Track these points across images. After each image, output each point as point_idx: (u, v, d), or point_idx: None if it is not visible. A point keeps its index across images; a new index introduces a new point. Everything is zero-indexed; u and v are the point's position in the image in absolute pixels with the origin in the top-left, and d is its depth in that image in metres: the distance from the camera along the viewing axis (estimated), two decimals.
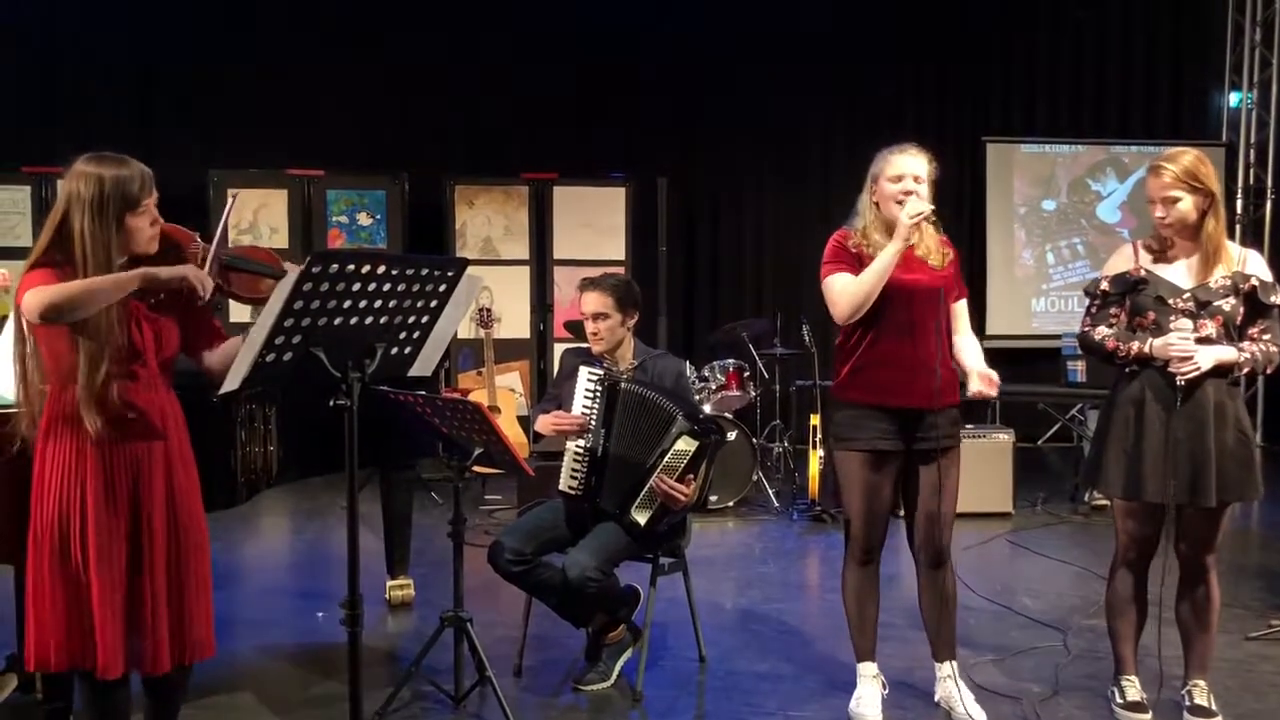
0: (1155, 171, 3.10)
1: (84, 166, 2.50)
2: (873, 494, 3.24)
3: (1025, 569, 5.18)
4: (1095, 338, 3.23)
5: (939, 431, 3.21)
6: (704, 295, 8.99)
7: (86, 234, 2.45)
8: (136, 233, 2.54)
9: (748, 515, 6.31)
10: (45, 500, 2.52)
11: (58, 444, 2.52)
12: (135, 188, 2.51)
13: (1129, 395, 3.16)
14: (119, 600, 2.53)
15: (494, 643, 3.77)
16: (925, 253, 3.23)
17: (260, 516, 6.24)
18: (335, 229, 7.80)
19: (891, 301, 3.14)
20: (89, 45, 8.07)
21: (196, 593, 2.65)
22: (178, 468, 2.64)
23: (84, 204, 2.46)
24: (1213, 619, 3.25)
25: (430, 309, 2.63)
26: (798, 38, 8.56)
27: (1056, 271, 8.94)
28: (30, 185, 7.44)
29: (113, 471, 2.53)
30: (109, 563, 2.51)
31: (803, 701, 3.51)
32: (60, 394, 2.52)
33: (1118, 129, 9.10)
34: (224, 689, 3.54)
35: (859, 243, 3.23)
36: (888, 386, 3.18)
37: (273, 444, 3.54)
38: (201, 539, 2.69)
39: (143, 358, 2.56)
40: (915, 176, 3.17)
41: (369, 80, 8.21)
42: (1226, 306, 3.08)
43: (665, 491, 3.42)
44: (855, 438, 3.23)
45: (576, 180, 8.00)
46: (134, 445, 2.56)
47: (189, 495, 2.67)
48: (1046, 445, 8.83)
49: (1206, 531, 3.16)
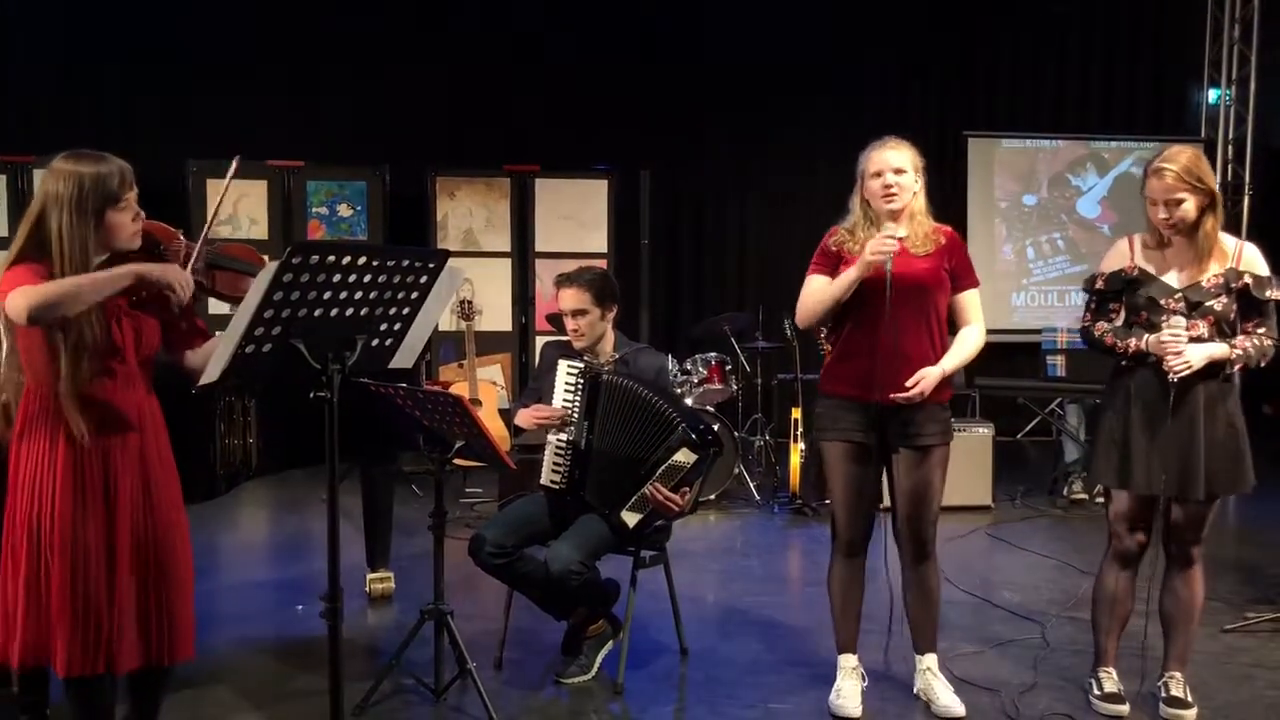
0: (1158, 174, 3.07)
1: (62, 164, 2.47)
2: (854, 486, 3.24)
3: (1004, 562, 5.21)
4: (1096, 334, 3.25)
5: (916, 429, 3.20)
6: (686, 288, 8.99)
7: (65, 231, 2.42)
8: (118, 229, 2.52)
9: (729, 509, 6.32)
10: (19, 498, 2.50)
11: (31, 442, 2.51)
12: (115, 183, 2.49)
13: (1125, 389, 3.19)
14: (91, 597, 2.50)
15: (475, 635, 3.76)
16: (911, 242, 3.17)
17: (240, 508, 6.21)
18: (315, 220, 7.75)
19: (870, 293, 3.13)
20: (66, 34, 7.99)
21: (174, 594, 2.63)
22: (154, 466, 2.62)
23: (62, 201, 2.43)
24: (1196, 612, 3.28)
25: (411, 301, 2.62)
26: (781, 33, 8.55)
27: (1037, 266, 8.98)
28: (5, 175, 7.37)
29: (84, 468, 2.50)
30: (76, 561, 2.49)
31: (783, 694, 3.52)
32: (36, 390, 2.50)
33: (1098, 125, 9.14)
34: (203, 682, 3.51)
35: (840, 241, 3.23)
36: (861, 379, 3.17)
37: (252, 435, 3.52)
38: (180, 541, 2.67)
39: (121, 354, 2.54)
40: (896, 169, 3.16)
41: (350, 71, 8.16)
42: (1218, 306, 3.09)
43: (660, 502, 3.41)
44: (832, 429, 3.24)
45: (559, 173, 7.97)
46: (107, 441, 2.53)
47: (167, 494, 2.65)
48: (1026, 439, 8.88)
49: (1193, 524, 3.19)
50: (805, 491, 6.15)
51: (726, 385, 6.46)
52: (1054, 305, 8.91)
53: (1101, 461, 3.22)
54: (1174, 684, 3.29)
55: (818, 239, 3.32)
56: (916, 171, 3.20)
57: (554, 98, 8.41)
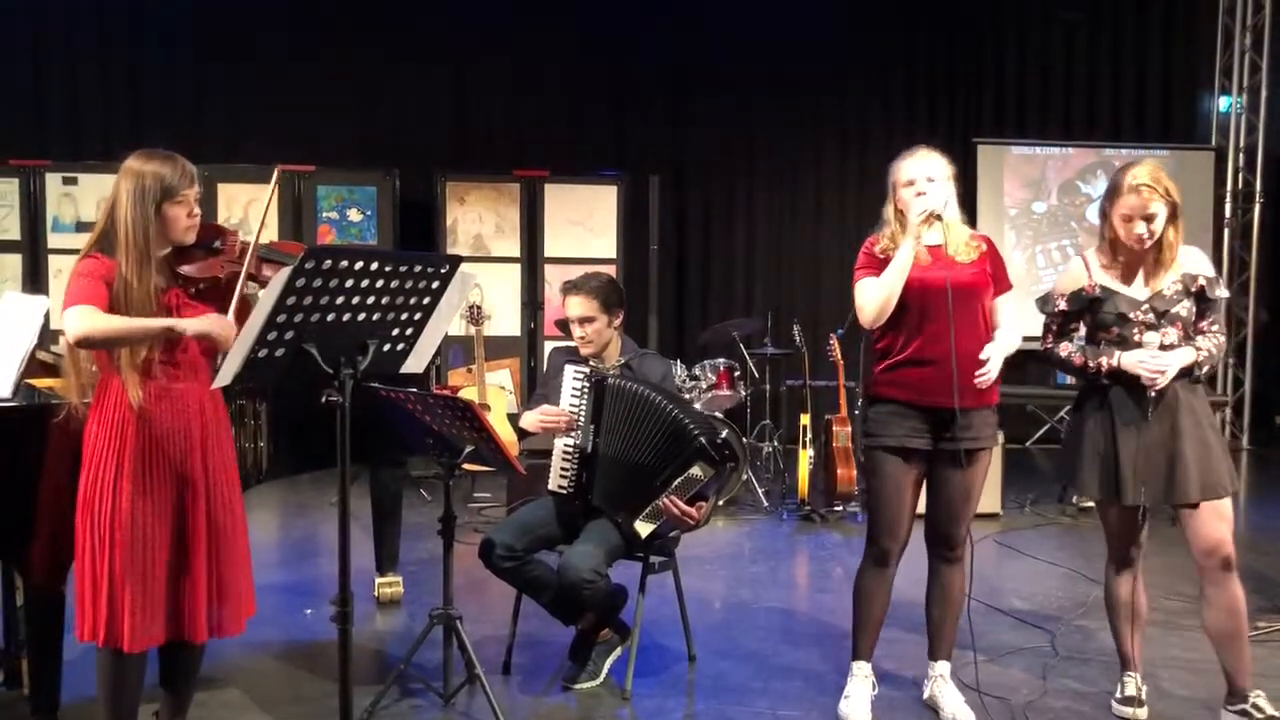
0: (1136, 191, 3.05)
1: (132, 161, 2.69)
2: (899, 493, 3.24)
3: (1014, 570, 5.20)
4: (1062, 354, 3.25)
5: (972, 432, 3.20)
6: (695, 294, 8.99)
7: (129, 220, 2.63)
8: (174, 221, 2.69)
9: (738, 515, 6.31)
10: (87, 476, 2.66)
11: (100, 424, 2.67)
12: (175, 179, 2.68)
13: (1099, 400, 3.17)
14: (157, 574, 2.65)
15: (483, 641, 3.76)
16: (955, 250, 3.21)
17: (249, 512, 6.15)
18: (325, 225, 7.78)
19: (923, 299, 3.14)
20: (78, 40, 8.04)
21: (233, 573, 2.80)
22: (214, 449, 2.78)
23: (128, 193, 2.64)
24: (1241, 625, 3.15)
25: (423, 306, 2.63)
26: (790, 39, 8.56)
27: (1047, 273, 8.96)
28: (18, 178, 7.41)
29: (152, 447, 2.65)
30: (141, 538, 2.63)
31: (791, 700, 3.52)
32: (105, 376, 2.68)
33: (1108, 132, 9.13)
34: (212, 686, 3.52)
35: (885, 247, 3.25)
36: (919, 384, 3.17)
37: (263, 439, 3.53)
38: (239, 519, 2.86)
39: (184, 342, 2.69)
40: (927, 178, 3.20)
41: (360, 76, 8.19)
42: (1183, 311, 3.10)
43: (677, 516, 3.42)
44: (886, 434, 3.22)
45: (568, 178, 7.99)
46: (175, 421, 2.69)
47: (228, 476, 2.83)
48: (1035, 447, 8.86)
49: (1214, 531, 3.11)
50: (815, 498, 6.14)
51: (735, 391, 6.46)
52: None
53: (1088, 475, 3.19)
54: (1265, 702, 3.16)
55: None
56: (948, 179, 3.23)
57: (564, 103, 8.43)
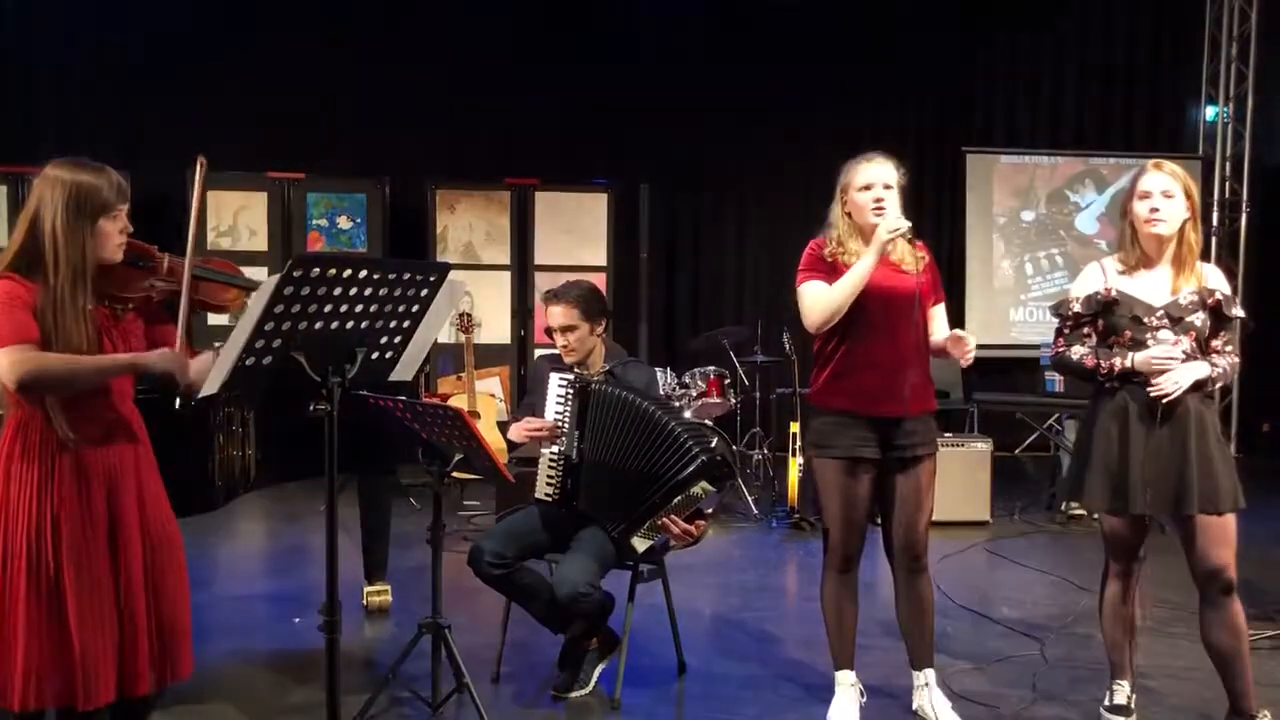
0: (1156, 165, 3.11)
1: (56, 170, 2.48)
2: (851, 501, 3.24)
3: (1003, 578, 5.20)
4: (1073, 358, 3.23)
5: (917, 438, 3.23)
6: (685, 302, 9.00)
7: (59, 234, 2.42)
8: (106, 238, 2.51)
9: (727, 523, 6.31)
10: (15, 524, 2.44)
11: (25, 464, 2.45)
12: (111, 193, 2.50)
13: (1110, 410, 3.15)
14: (106, 621, 2.47)
15: (472, 649, 3.74)
16: (900, 258, 3.24)
17: (237, 521, 6.19)
18: (315, 232, 7.76)
19: (868, 307, 3.15)
20: (67, 45, 8.00)
21: (174, 611, 2.62)
22: (148, 479, 2.62)
23: (56, 206, 2.43)
24: (1243, 645, 3.13)
25: (412, 314, 2.62)
26: (781, 47, 8.58)
27: (1035, 282, 9.00)
28: (5, 185, 7.38)
29: (88, 484, 2.48)
30: (89, 583, 2.46)
31: (781, 710, 3.51)
32: (25, 411, 2.46)
33: (1096, 141, 9.18)
34: (199, 696, 3.49)
35: (834, 251, 3.24)
36: (865, 393, 3.18)
37: (251, 448, 3.52)
38: (177, 554, 2.66)
39: None
40: (885, 184, 3.19)
41: (350, 83, 8.18)
42: (1198, 322, 3.10)
43: (677, 535, 3.42)
44: (833, 445, 3.23)
45: (559, 186, 8.00)
46: (107, 454, 2.52)
47: (160, 508, 2.64)
48: (1024, 454, 8.87)
49: (1217, 557, 3.09)
50: (804, 505, 6.14)
51: (725, 399, 6.46)
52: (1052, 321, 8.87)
53: (1096, 488, 3.17)
54: None
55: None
56: (900, 190, 3.24)
57: (555, 111, 8.43)
